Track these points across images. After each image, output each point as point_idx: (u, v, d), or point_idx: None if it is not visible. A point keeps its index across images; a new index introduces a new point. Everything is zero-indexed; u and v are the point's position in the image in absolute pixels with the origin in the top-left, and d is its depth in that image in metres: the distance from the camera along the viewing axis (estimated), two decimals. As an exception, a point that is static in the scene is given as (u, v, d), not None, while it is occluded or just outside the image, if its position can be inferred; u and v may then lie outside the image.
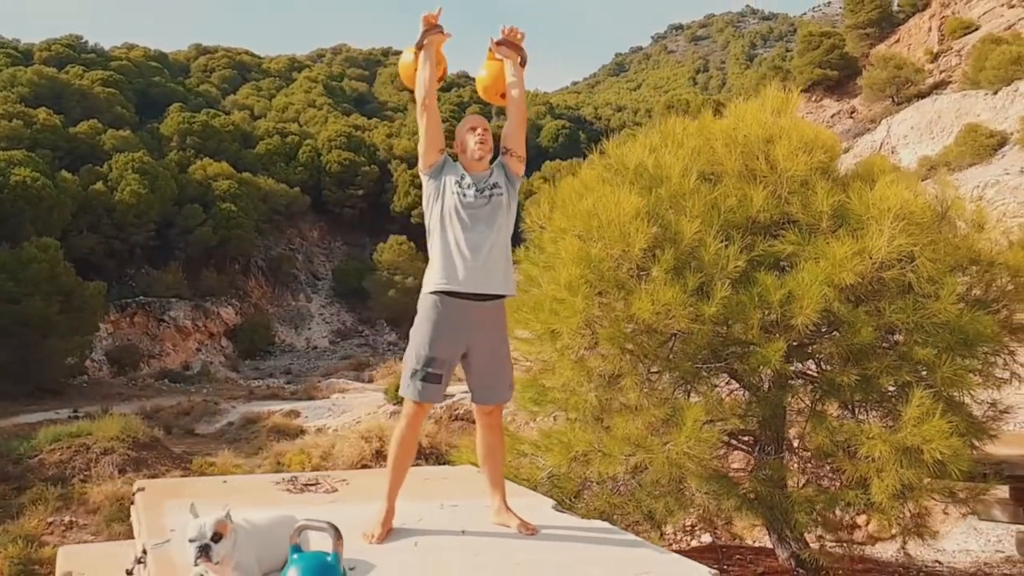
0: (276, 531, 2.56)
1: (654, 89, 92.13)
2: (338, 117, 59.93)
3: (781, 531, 4.74)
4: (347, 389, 35.84)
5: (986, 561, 6.45)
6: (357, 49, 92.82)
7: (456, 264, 3.12)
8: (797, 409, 4.72)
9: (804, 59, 43.76)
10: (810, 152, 4.48)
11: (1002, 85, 30.45)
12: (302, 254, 51.81)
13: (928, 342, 4.09)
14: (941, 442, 3.79)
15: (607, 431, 4.40)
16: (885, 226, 4.00)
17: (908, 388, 4.15)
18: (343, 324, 49.48)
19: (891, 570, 5.47)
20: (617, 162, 4.93)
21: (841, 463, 4.22)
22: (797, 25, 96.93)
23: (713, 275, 4.12)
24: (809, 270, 4.05)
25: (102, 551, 4.11)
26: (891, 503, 4.04)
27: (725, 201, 4.38)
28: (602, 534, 3.23)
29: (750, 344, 4.19)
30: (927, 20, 41.72)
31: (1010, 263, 4.52)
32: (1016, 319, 4.69)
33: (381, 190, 52.84)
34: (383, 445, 24.77)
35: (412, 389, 3.10)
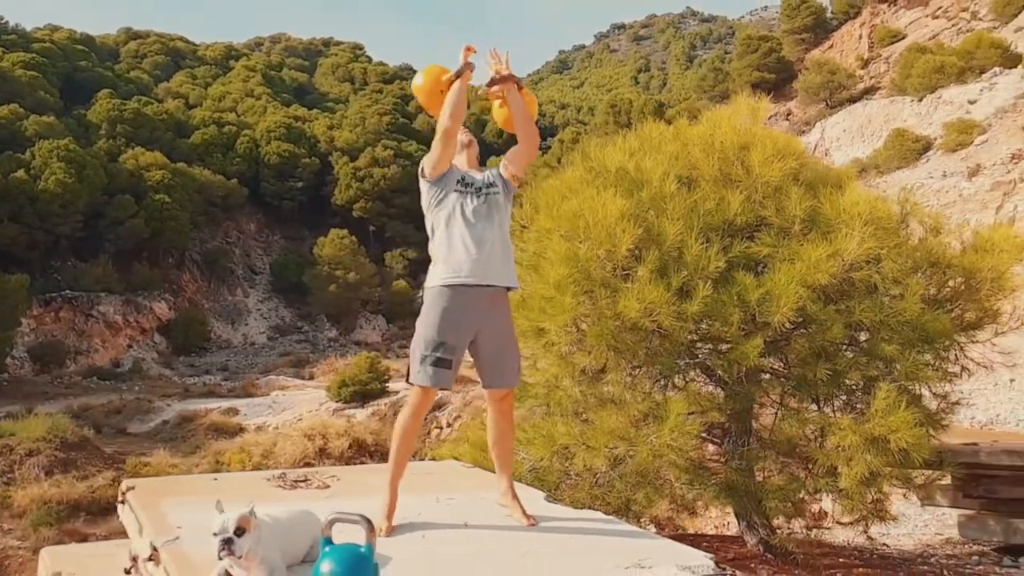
0: (297, 526, 2.62)
1: (597, 87, 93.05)
2: (277, 108, 58.64)
3: (750, 518, 4.91)
4: (287, 386, 35.18)
5: (928, 543, 6.77)
6: (297, 39, 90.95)
7: (462, 259, 3.21)
8: (767, 403, 4.88)
9: (743, 62, 44.89)
10: (782, 159, 4.67)
11: (927, 92, 31.82)
12: (239, 247, 50.54)
13: (892, 339, 4.29)
14: (906, 432, 3.98)
15: (589, 425, 4.48)
16: (855, 230, 4.19)
17: (874, 382, 4.34)
18: (282, 320, 48.50)
19: (846, 553, 5.70)
20: (599, 165, 5.03)
21: (813, 452, 4.39)
22: (736, 28, 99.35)
23: (695, 275, 4.25)
24: (785, 271, 4.23)
25: (89, 551, 4.03)
26: (858, 489, 4.23)
27: (704, 204, 4.52)
28: (598, 523, 3.34)
29: (724, 341, 4.31)
30: (858, 28, 43.29)
31: (965, 265, 4.77)
32: (966, 317, 4.95)
33: (321, 183, 51.98)
34: (327, 443, 24.42)
35: (423, 375, 3.15)
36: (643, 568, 2.68)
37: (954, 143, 27.31)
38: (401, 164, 50.96)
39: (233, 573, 2.44)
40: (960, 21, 37.57)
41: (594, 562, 2.78)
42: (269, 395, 33.44)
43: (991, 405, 14.59)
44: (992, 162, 25.86)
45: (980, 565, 5.84)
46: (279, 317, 48.61)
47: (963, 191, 25.65)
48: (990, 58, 30.61)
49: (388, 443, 14.57)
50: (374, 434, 25.00)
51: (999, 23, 35.43)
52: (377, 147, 51.97)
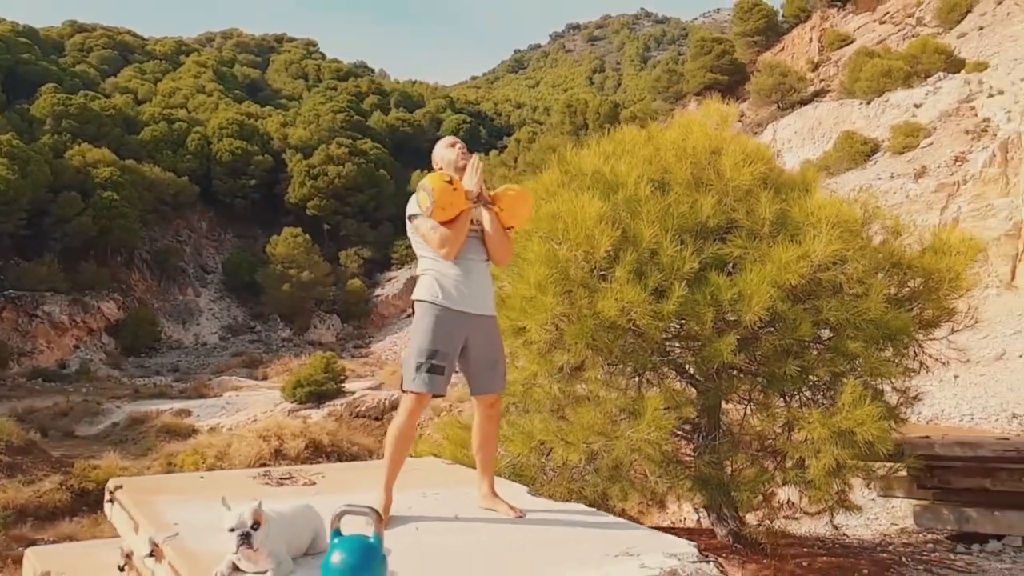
0: (299, 520, 2.70)
1: (553, 87, 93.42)
2: (229, 104, 57.56)
3: (720, 510, 5.04)
4: (240, 387, 34.60)
5: (885, 532, 6.99)
6: (249, 34, 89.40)
7: (449, 286, 3.35)
8: (737, 399, 5.01)
9: (696, 63, 45.54)
10: (752, 163, 4.81)
11: (874, 96, 32.71)
12: (190, 246, 49.47)
13: (857, 336, 4.45)
14: (872, 425, 4.12)
15: (567, 421, 4.55)
16: (822, 232, 4.34)
17: (839, 378, 4.49)
18: (234, 320, 47.63)
19: (810, 543, 5.87)
20: (575, 168, 5.12)
21: (783, 446, 4.51)
22: (689, 30, 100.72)
23: (670, 276, 4.36)
24: (757, 272, 4.36)
25: (74, 551, 3.98)
26: (826, 480, 4.38)
27: (678, 207, 4.63)
28: (583, 515, 3.46)
29: (697, 339, 4.40)
30: (808, 31, 44.28)
31: (924, 266, 4.97)
32: (925, 316, 5.15)
33: (275, 180, 51.21)
34: (282, 444, 24.09)
35: (419, 381, 3.27)
36: (631, 556, 2.77)
37: (901, 146, 28.14)
38: (356, 162, 50.50)
39: (240, 566, 2.49)
40: (906, 26, 38.74)
41: (584, 550, 2.87)
42: (222, 396, 32.85)
43: (936, 401, 15.10)
44: (937, 164, 26.72)
45: (935, 552, 6.05)
46: (231, 317, 47.74)
47: (910, 192, 26.44)
48: (934, 63, 31.62)
49: (343, 443, 14.56)
50: (330, 435, 24.77)
51: (943, 29, 36.65)
52: (331, 145, 51.39)
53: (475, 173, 3.40)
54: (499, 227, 3.44)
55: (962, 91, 29.26)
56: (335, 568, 2.31)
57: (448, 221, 3.30)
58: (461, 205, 3.30)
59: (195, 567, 2.52)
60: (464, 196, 3.30)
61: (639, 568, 2.67)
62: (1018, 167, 24.84)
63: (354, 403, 28.67)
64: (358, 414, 28.66)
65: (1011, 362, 18.47)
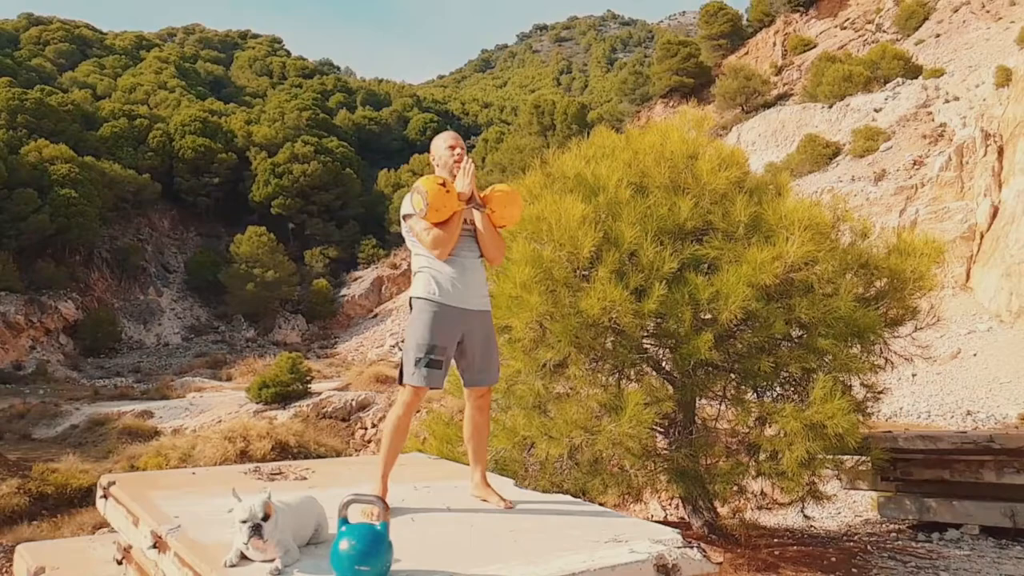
0: (304, 510, 2.78)
1: (520, 87, 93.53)
2: (192, 101, 56.64)
3: (696, 502, 5.17)
4: (204, 388, 34.10)
5: (849, 523, 7.21)
6: (212, 30, 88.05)
7: (445, 283, 3.45)
8: (712, 395, 5.14)
9: (662, 66, 46.00)
10: (728, 168, 4.96)
11: (836, 100, 33.40)
12: (152, 245, 48.57)
13: (828, 334, 4.61)
14: (842, 418, 4.27)
15: (548, 417, 4.63)
16: (795, 234, 4.49)
17: (810, 373, 4.65)
18: (197, 320, 46.88)
19: (779, 534, 6.04)
20: (557, 171, 5.22)
21: (757, 439, 4.65)
22: (655, 32, 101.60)
23: (651, 276, 4.47)
24: (733, 272, 4.50)
25: (64, 547, 3.97)
26: (798, 472, 4.53)
27: (657, 210, 4.75)
28: (570, 505, 3.58)
29: (673, 337, 4.52)
30: (772, 35, 45.01)
31: (891, 267, 5.16)
32: (890, 314, 5.34)
33: (239, 178, 50.52)
34: (248, 445, 23.82)
35: (418, 376, 3.37)
36: (620, 542, 2.89)
37: (861, 149, 28.78)
38: (322, 160, 50.06)
39: (248, 555, 2.55)
40: (866, 33, 39.62)
41: (575, 537, 2.98)
42: (185, 397, 32.33)
43: (895, 399, 15.51)
44: (896, 168, 27.40)
45: (899, 541, 6.26)
46: (194, 317, 46.98)
47: (870, 195, 27.06)
48: (894, 69, 32.40)
49: (311, 445, 14.54)
50: (297, 436, 24.54)
51: (901, 36, 37.57)
52: (297, 143, 50.87)
53: (467, 176, 3.47)
54: (491, 227, 3.52)
55: (920, 96, 30.04)
56: (344, 554, 2.39)
57: (441, 222, 3.38)
58: (454, 207, 3.38)
59: (202, 556, 2.57)
60: (456, 198, 3.38)
61: (629, 553, 2.79)
62: (973, 171, 25.59)
63: (321, 404, 28.42)
64: (325, 415, 28.42)
65: (966, 361, 19.03)
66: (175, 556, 2.64)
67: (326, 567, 2.50)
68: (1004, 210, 23.61)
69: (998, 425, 14.09)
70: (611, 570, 2.65)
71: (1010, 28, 30.99)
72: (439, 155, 3.63)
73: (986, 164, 25.23)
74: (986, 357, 18.20)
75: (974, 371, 17.45)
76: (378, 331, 43.67)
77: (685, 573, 2.80)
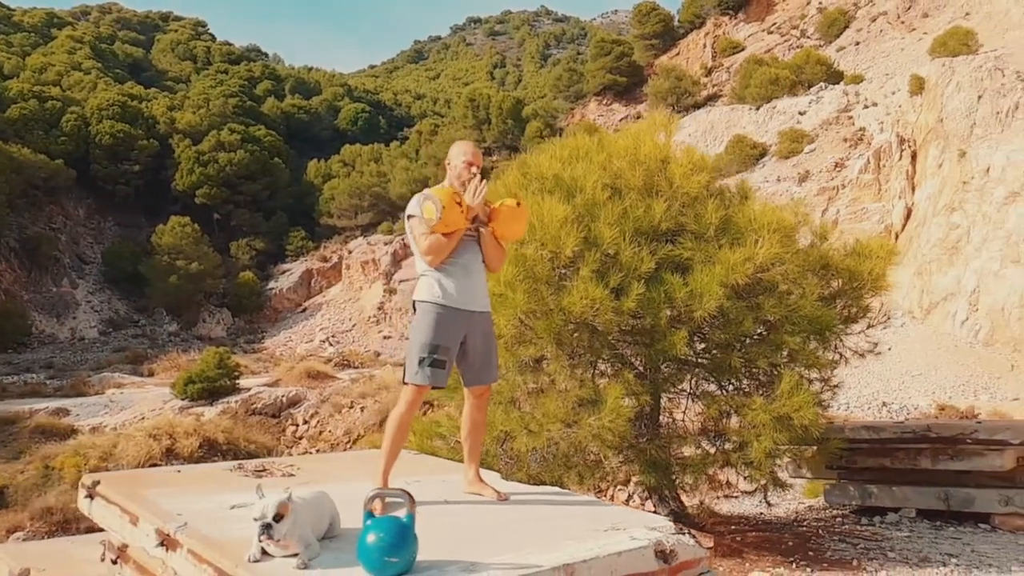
0: (320, 505, 2.82)
1: (453, 80, 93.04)
2: (110, 84, 54.16)
3: (662, 492, 5.34)
4: (124, 384, 32.79)
5: (796, 510, 7.55)
6: (131, 10, 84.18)
7: (451, 286, 3.52)
8: (680, 390, 5.31)
9: (596, 64, 46.58)
10: (698, 173, 5.14)
11: (763, 102, 34.54)
12: (65, 234, 46.26)
13: (794, 331, 4.84)
14: (807, 410, 4.49)
15: (525, 411, 4.69)
16: (764, 237, 4.69)
17: (776, 368, 4.86)
18: (115, 313, 44.97)
19: (736, 521, 6.28)
20: (535, 171, 5.30)
21: (727, 430, 4.83)
22: (588, 30, 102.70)
23: (629, 275, 4.60)
24: (707, 272, 4.67)
25: (50, 547, 3.80)
26: (765, 462, 4.73)
27: (634, 211, 4.88)
28: (560, 496, 3.68)
29: (645, 333, 4.65)
30: (703, 37, 46.14)
31: (849, 268, 5.44)
32: (847, 313, 5.63)
33: (161, 166, 48.62)
34: (174, 443, 23.05)
35: (422, 375, 3.44)
36: (619, 530, 3.00)
37: (787, 150, 29.84)
38: (249, 149, 48.67)
39: (269, 551, 2.57)
40: (791, 37, 41.07)
41: (575, 526, 3.07)
42: (104, 394, 30.99)
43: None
44: (818, 169, 28.54)
45: (845, 525, 6.60)
46: (112, 310, 45.06)
47: (794, 195, 28.07)
48: (817, 74, 33.70)
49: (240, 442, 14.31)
50: (226, 433, 23.87)
51: (824, 42, 39.10)
52: (223, 131, 49.31)
53: (478, 196, 3.50)
54: (493, 239, 3.59)
55: (841, 101, 31.35)
56: (373, 547, 2.41)
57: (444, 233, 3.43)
58: (461, 224, 3.43)
59: (219, 552, 2.56)
60: (466, 216, 3.43)
61: (629, 540, 2.89)
62: (889, 174, 26.91)
63: (250, 400, 27.75)
64: (254, 411, 27.76)
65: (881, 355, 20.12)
66: (189, 553, 2.60)
67: (347, 560, 2.53)
68: (917, 212, 24.95)
69: (910, 416, 14.91)
70: (618, 556, 2.75)
71: (923, 39, 32.67)
72: (454, 163, 3.64)
73: (901, 168, 26.58)
74: (899, 351, 19.22)
75: (888, 364, 18.37)
76: (307, 326, 42.89)
77: (681, 557, 2.92)
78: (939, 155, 24.05)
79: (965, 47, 26.93)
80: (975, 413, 12.87)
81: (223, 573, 2.50)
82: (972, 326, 19.40)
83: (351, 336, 41.14)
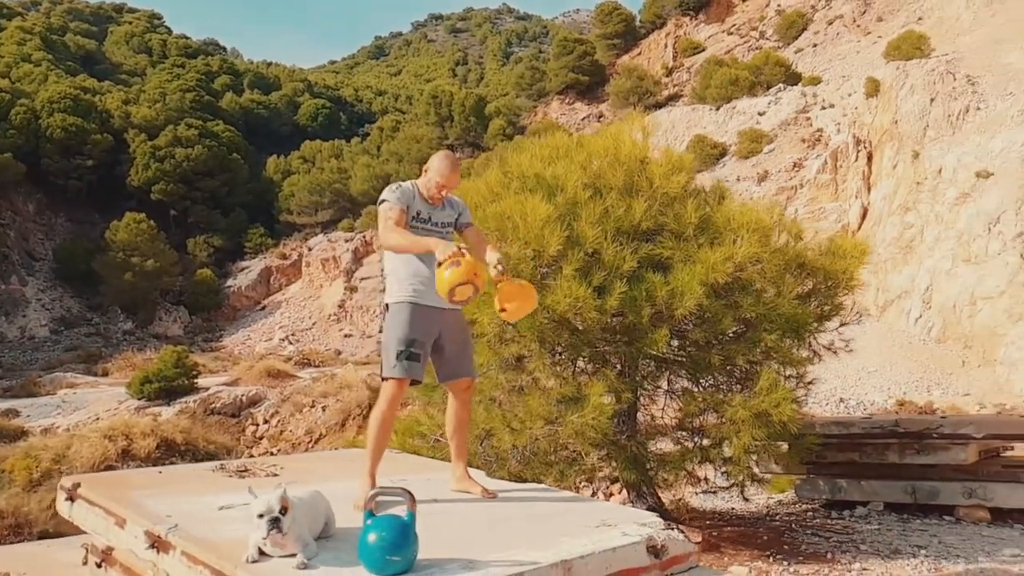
0: (315, 505, 2.82)
1: (415, 77, 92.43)
2: (61, 76, 52.64)
3: (640, 488, 5.40)
4: (77, 384, 31.99)
5: (766, 505, 7.69)
6: (83, 1, 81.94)
7: (418, 285, 3.53)
8: (658, 387, 5.37)
9: (559, 63, 46.75)
10: (678, 173, 5.20)
11: (723, 102, 35.02)
12: (14, 230, 44.88)
13: (772, 329, 4.92)
14: (785, 407, 4.57)
15: (511, 409, 4.69)
16: (743, 237, 4.77)
17: (755, 366, 4.94)
18: (67, 311, 43.81)
19: (710, 516, 6.37)
20: (515, 170, 5.31)
21: (707, 427, 4.90)
22: (549, 28, 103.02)
23: (611, 274, 4.64)
24: (687, 271, 4.73)
25: (26, 551, 3.68)
26: (744, 457, 4.81)
27: (615, 211, 4.92)
28: (547, 493, 3.70)
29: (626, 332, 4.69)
30: (664, 37, 46.61)
31: (824, 267, 5.56)
32: (821, 311, 5.76)
33: (115, 161, 47.41)
34: (131, 444, 22.55)
35: (399, 368, 3.44)
36: (610, 526, 3.03)
37: (746, 150, 30.30)
38: (207, 145, 47.76)
39: (267, 551, 2.54)
40: (751, 39, 41.72)
41: (567, 522, 3.09)
42: (56, 394, 30.20)
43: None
44: (777, 169, 29.06)
45: (816, 519, 6.74)
46: (64, 308, 43.88)
47: (753, 194, 28.54)
48: (776, 75, 34.28)
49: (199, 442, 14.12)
50: (184, 433, 23.44)
51: (782, 44, 39.80)
52: (180, 126, 48.31)
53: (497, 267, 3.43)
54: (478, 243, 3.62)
55: (799, 102, 31.94)
56: (375, 546, 2.40)
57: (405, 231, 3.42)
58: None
59: (215, 553, 2.52)
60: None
61: (622, 536, 2.93)
62: (846, 175, 27.52)
63: (208, 400, 27.30)
64: (213, 411, 27.32)
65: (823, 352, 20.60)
66: (183, 555, 2.56)
67: (346, 559, 2.52)
68: (872, 211, 25.57)
69: (867, 411, 15.28)
70: (612, 552, 2.79)
71: (878, 42, 33.46)
72: (431, 176, 3.54)
73: (857, 168, 27.21)
74: (856, 348, 19.69)
75: (845, 361, 18.77)
76: (266, 324, 42.31)
77: (671, 552, 2.96)
78: (894, 156, 24.67)
79: (918, 51, 27.65)
80: (934, 408, 13.24)
81: (221, 574, 2.46)
82: (925, 323, 19.94)
83: (311, 334, 40.68)
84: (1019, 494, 6.51)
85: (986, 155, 20.29)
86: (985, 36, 27.05)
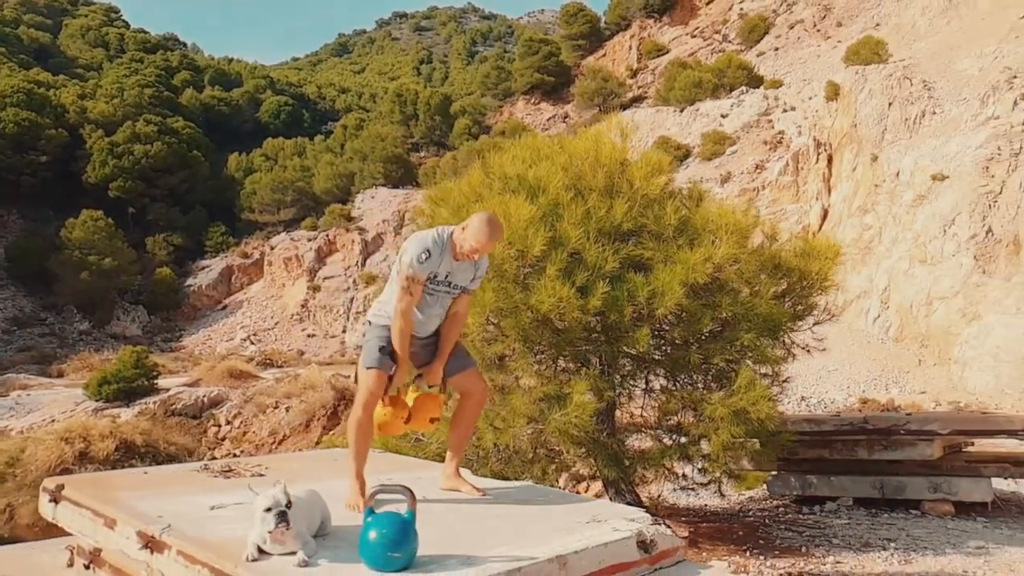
0: (312, 504, 2.82)
1: (379, 75, 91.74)
2: (14, 69, 51.22)
3: (618, 485, 5.45)
4: (31, 385, 31.13)
5: (738, 501, 7.82)
6: (35, -8, 79.68)
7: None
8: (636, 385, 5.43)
9: (524, 63, 46.84)
10: (658, 174, 5.27)
11: (687, 104, 35.44)
12: (-36, 228, 43.67)
13: (750, 328, 5.01)
14: (763, 405, 4.66)
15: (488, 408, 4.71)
16: (722, 238, 4.85)
17: (733, 364, 5.03)
18: (20, 311, 42.62)
19: (686, 513, 6.46)
20: (498, 171, 5.32)
21: (687, 425, 4.97)
22: (514, 28, 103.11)
23: (594, 274, 4.68)
24: (668, 272, 4.79)
25: (12, 553, 3.58)
26: (722, 454, 4.90)
27: (596, 212, 4.96)
28: (535, 491, 3.75)
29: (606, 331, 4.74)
30: (628, 39, 46.98)
31: (800, 267, 5.68)
32: (796, 310, 5.88)
33: (71, 157, 46.28)
34: (89, 446, 22.03)
35: (381, 359, 3.48)
36: (600, 522, 3.08)
37: (710, 152, 30.69)
38: (166, 141, 46.88)
39: (266, 548, 2.54)
40: (714, 42, 42.28)
41: (558, 518, 3.14)
42: (8, 396, 29.38)
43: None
44: (740, 171, 29.50)
45: (788, 514, 6.88)
46: (17, 308, 42.68)
47: (717, 196, 28.89)
48: (738, 78, 34.78)
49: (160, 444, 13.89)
50: (144, 434, 22.99)
51: (745, 47, 40.40)
52: (138, 122, 47.34)
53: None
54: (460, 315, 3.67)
55: (761, 105, 32.46)
56: (376, 543, 2.41)
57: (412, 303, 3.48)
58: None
59: (213, 552, 2.51)
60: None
61: (612, 531, 2.98)
62: (807, 177, 28.06)
63: (169, 401, 26.80)
64: (174, 412, 26.82)
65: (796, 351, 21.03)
66: (179, 555, 2.53)
67: (346, 556, 2.54)
68: (832, 213, 26.11)
69: (827, 409, 15.60)
70: (604, 547, 2.84)
71: (838, 47, 34.16)
72: (468, 237, 3.45)
73: (817, 170, 27.76)
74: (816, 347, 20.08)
75: (805, 360, 19.15)
76: (227, 323, 41.69)
77: (660, 547, 3.02)
78: (853, 159, 25.21)
79: (876, 56, 28.30)
80: (896, 406, 13.56)
81: (221, 574, 2.44)
82: (883, 323, 20.40)
83: (273, 334, 40.19)
84: (981, 488, 6.73)
85: (941, 158, 20.84)
86: (940, 43, 27.80)
